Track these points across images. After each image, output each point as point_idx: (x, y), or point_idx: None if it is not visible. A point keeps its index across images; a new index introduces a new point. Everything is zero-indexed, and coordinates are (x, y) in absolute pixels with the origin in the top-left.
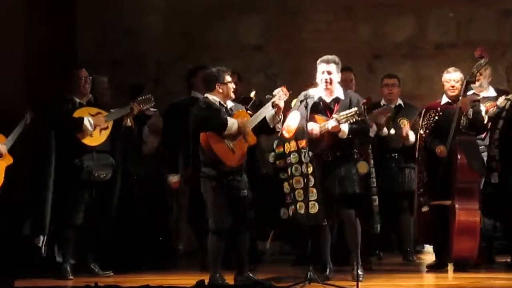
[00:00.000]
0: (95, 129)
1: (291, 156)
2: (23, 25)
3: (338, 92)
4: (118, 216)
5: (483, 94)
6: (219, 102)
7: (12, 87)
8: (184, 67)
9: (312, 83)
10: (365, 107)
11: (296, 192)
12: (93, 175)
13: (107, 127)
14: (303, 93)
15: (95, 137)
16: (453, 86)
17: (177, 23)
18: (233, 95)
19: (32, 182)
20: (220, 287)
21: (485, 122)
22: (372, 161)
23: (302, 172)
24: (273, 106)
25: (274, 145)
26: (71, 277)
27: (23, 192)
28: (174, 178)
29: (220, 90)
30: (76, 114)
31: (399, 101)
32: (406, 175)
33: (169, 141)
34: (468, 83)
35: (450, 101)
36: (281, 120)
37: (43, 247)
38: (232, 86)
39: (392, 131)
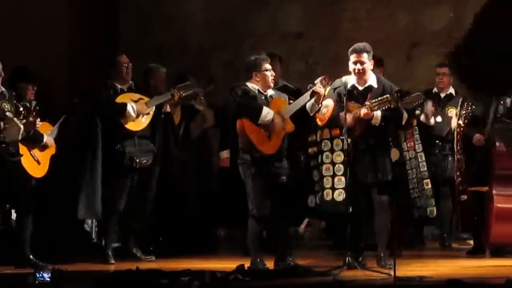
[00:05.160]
0: (138, 115)
1: (323, 143)
2: (65, 12)
3: (372, 80)
4: (160, 202)
5: None
6: (258, 90)
7: (54, 75)
8: (225, 55)
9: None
10: (398, 94)
11: (324, 180)
12: (135, 161)
13: (148, 113)
14: (337, 81)
15: (138, 122)
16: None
17: (218, 11)
18: (271, 83)
19: (79, 168)
20: (259, 271)
21: None
22: (421, 146)
23: (332, 160)
24: (313, 94)
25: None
26: (113, 261)
27: (68, 179)
28: (224, 154)
29: (258, 79)
30: (119, 100)
31: (450, 90)
32: (449, 162)
33: (221, 121)
34: None
35: None
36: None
37: (94, 232)
38: (270, 74)
39: (439, 119)
